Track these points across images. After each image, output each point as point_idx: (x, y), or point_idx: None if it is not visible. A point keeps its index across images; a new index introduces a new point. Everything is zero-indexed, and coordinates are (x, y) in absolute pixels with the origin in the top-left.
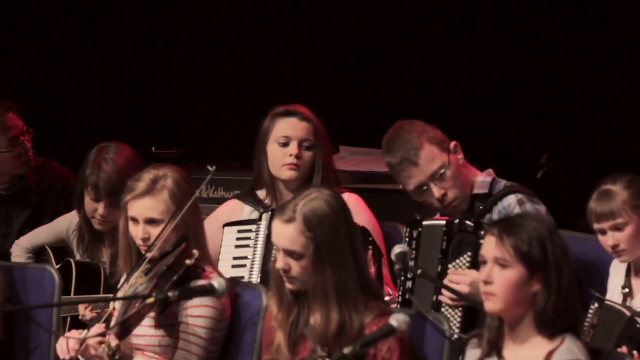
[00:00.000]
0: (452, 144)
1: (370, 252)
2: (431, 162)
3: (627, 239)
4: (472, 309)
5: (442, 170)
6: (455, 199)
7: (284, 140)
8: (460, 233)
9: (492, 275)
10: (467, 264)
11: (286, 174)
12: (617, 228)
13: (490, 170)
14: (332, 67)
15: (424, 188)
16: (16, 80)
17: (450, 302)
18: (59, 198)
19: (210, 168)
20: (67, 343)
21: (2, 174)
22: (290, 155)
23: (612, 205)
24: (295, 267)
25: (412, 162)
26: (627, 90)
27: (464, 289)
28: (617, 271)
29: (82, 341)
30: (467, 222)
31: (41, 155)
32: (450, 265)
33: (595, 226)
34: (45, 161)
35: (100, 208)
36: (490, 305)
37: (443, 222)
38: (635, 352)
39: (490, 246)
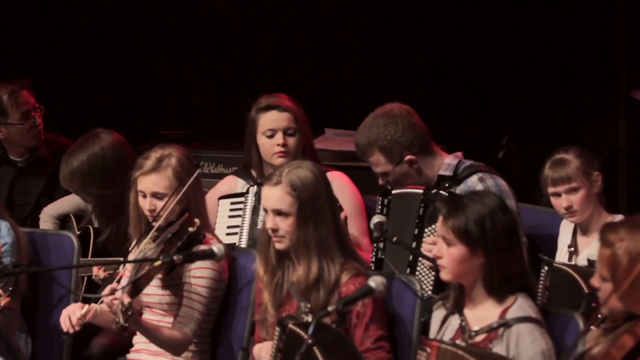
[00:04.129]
0: (407, 157)
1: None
2: (375, 166)
3: (580, 201)
4: None
5: (383, 174)
6: (399, 187)
7: (270, 133)
8: (436, 202)
9: (441, 251)
10: None
11: (277, 161)
12: (571, 191)
13: (458, 153)
14: (320, 57)
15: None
16: (32, 62)
17: (430, 253)
18: None
19: (199, 166)
20: (69, 318)
21: (14, 145)
22: (278, 145)
23: (567, 170)
24: (283, 225)
25: (360, 157)
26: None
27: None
28: (565, 230)
29: (84, 315)
30: (442, 192)
31: (53, 132)
32: (426, 230)
33: (551, 190)
34: (57, 137)
35: None
36: (443, 275)
37: (420, 190)
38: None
39: (439, 224)
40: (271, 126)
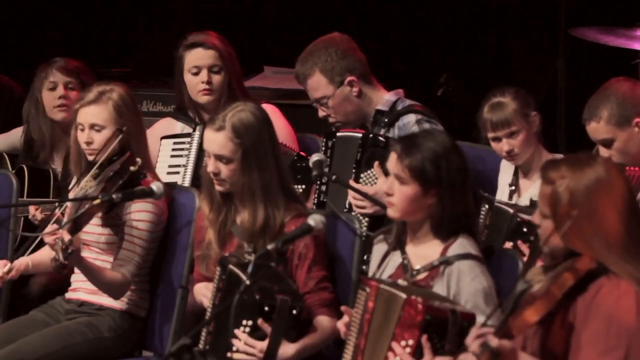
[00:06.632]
0: (349, 79)
1: (314, 186)
2: (315, 90)
3: (520, 144)
4: (377, 217)
5: (324, 100)
6: (337, 122)
7: (195, 70)
8: (373, 147)
9: (392, 188)
10: (376, 175)
11: (203, 99)
12: (512, 135)
13: (399, 90)
14: None
15: (314, 104)
16: None
17: (357, 209)
18: (7, 106)
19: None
20: None
21: None
22: (203, 82)
23: (506, 114)
24: (225, 170)
25: (301, 82)
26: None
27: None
28: (506, 170)
29: (7, 273)
30: (380, 137)
31: None
32: (362, 175)
33: (491, 135)
34: (0, 77)
35: (60, 89)
36: (391, 212)
37: (359, 134)
38: (520, 242)
39: (392, 162)
40: (196, 63)
